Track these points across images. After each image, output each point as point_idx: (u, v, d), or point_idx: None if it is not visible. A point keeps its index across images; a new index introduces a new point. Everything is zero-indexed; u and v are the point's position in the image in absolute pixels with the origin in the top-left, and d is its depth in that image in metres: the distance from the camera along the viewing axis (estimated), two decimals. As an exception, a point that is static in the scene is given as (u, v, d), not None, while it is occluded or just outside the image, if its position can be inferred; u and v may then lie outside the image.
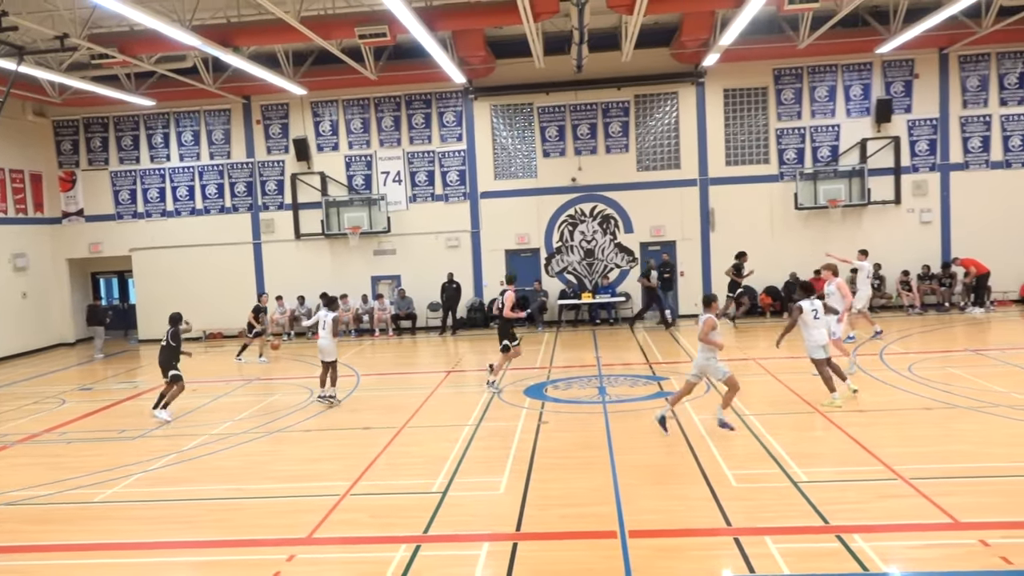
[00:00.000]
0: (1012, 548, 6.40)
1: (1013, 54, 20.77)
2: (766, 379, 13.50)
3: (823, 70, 21.23)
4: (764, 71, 21.31)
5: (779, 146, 21.51)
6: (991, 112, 20.99)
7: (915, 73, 21.07)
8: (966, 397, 11.33)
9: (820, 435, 10.04)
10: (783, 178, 21.49)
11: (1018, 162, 20.99)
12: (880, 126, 21.15)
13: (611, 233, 22.11)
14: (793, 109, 21.41)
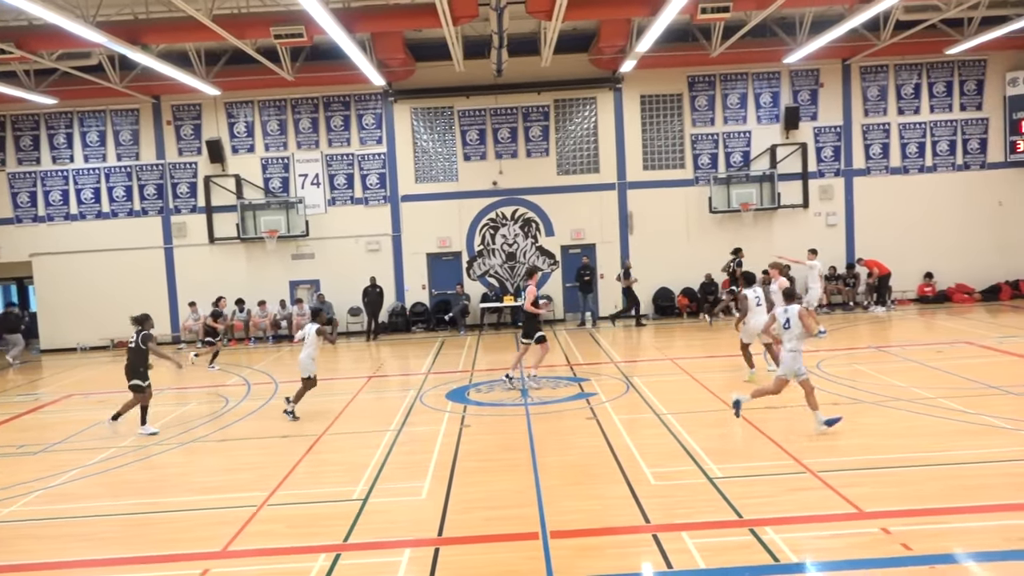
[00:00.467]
0: (912, 535, 6.73)
1: (909, 66, 21.91)
2: (683, 378, 13.83)
3: (735, 78, 21.93)
4: (679, 78, 21.86)
5: (694, 151, 22.09)
6: (890, 120, 22.09)
7: (820, 82, 21.98)
8: (870, 392, 11.87)
9: (734, 431, 10.33)
10: (698, 182, 22.08)
11: (915, 168, 22.14)
12: (788, 133, 21.99)
13: (532, 236, 22.27)
14: (707, 115, 22.03)
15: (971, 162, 22.17)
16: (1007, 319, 18.79)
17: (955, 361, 13.95)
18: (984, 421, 10.03)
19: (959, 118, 22.10)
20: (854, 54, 21.03)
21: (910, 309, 21.30)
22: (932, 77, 22.01)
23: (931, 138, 22.13)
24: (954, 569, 6.10)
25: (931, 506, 7.33)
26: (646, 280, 22.12)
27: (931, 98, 22.06)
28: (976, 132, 22.12)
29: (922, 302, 22.01)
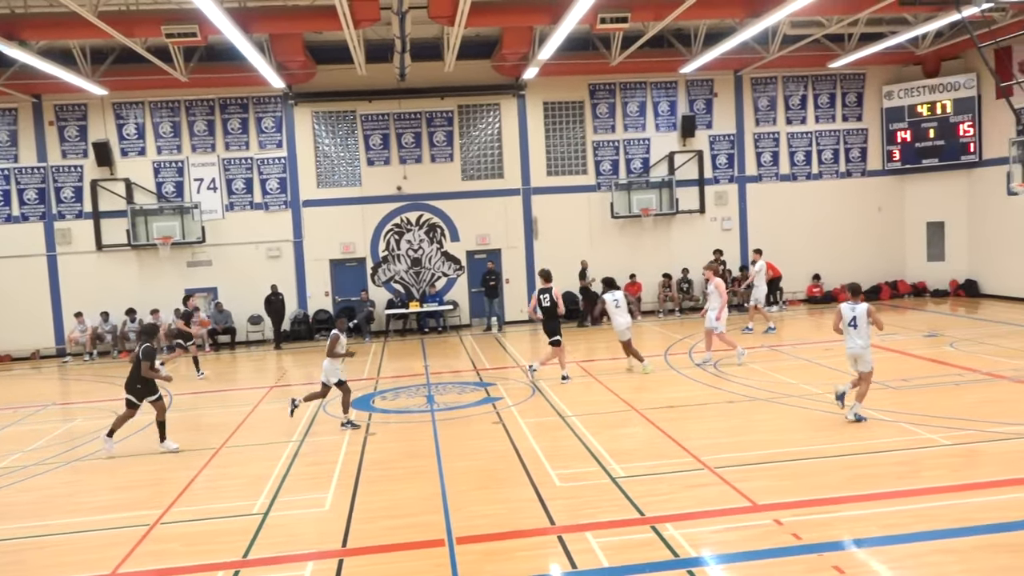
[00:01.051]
0: (802, 525, 7.06)
1: (796, 78, 23.02)
2: (587, 381, 14.06)
3: (634, 87, 22.50)
4: (581, 86, 22.27)
5: (596, 158, 22.54)
6: (779, 130, 23.15)
7: (714, 92, 22.83)
8: (763, 390, 12.38)
9: (635, 431, 10.58)
10: (600, 188, 22.53)
11: (803, 175, 23.27)
12: (685, 140, 22.72)
13: (438, 242, 22.21)
14: (608, 123, 22.52)
15: (853, 170, 23.47)
16: (887, 317, 19.91)
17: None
18: (866, 414, 10.61)
19: (841, 128, 23.37)
20: (745, 66, 21.93)
21: (800, 309, 22.34)
22: (817, 89, 23.19)
23: (816, 147, 23.31)
24: (839, 556, 6.44)
25: (819, 496, 7.71)
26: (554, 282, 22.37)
27: (816, 109, 23.25)
28: (857, 142, 23.44)
29: (811, 302, 23.12)
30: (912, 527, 6.91)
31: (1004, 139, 18.28)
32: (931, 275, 23.36)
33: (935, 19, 17.88)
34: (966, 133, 22.06)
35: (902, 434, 9.64)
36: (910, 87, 22.69)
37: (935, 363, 13.76)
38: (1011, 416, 10.18)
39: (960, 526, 6.86)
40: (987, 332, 16.61)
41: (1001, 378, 12.31)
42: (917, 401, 11.17)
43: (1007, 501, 7.38)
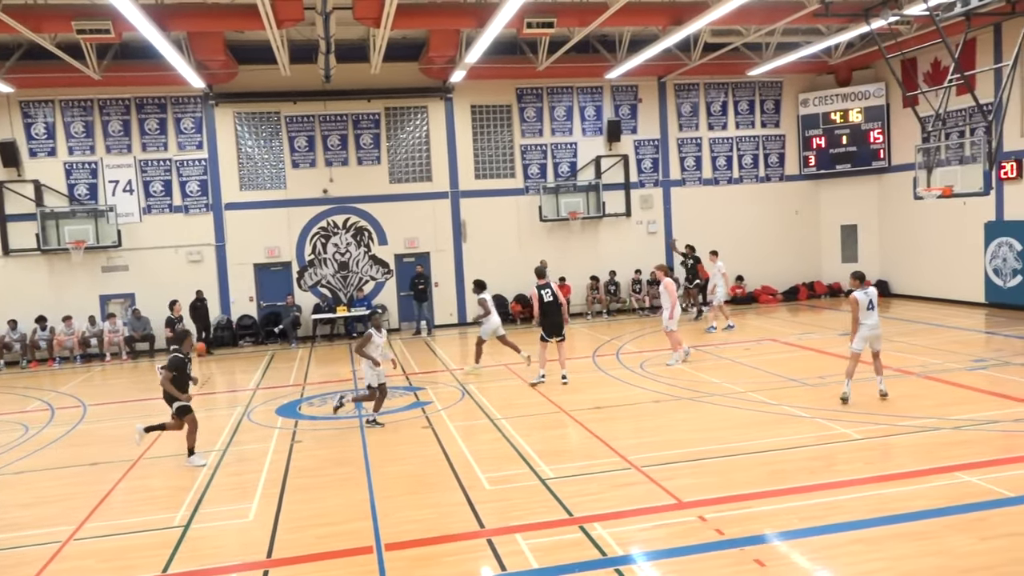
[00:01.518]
0: (724, 520, 7.24)
1: (717, 85, 23.64)
2: (516, 383, 14.10)
3: (561, 91, 22.72)
4: (508, 90, 22.36)
5: (524, 161, 22.66)
6: (701, 135, 23.71)
7: (639, 98, 23.24)
8: (687, 389, 12.65)
9: (564, 432, 10.67)
10: (528, 192, 22.66)
11: (724, 180, 23.89)
12: (611, 145, 23.06)
13: (365, 245, 21.95)
14: (535, 127, 22.67)
15: (772, 174, 24.23)
16: (805, 317, 20.67)
17: (761, 357, 15.17)
18: (785, 411, 10.97)
19: (760, 134, 24.10)
20: (668, 72, 22.40)
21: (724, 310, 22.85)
22: (737, 96, 23.86)
23: (737, 152, 23.97)
24: (760, 549, 6.62)
25: (741, 492, 7.92)
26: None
27: (736, 115, 23.92)
28: (775, 147, 24.21)
29: (734, 303, 23.71)
30: (829, 519, 7.16)
31: (911, 146, 19.12)
32: (846, 276, 24.22)
33: (846, 31, 18.62)
34: (876, 140, 23.04)
35: (819, 429, 9.99)
36: (824, 95, 23.56)
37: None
38: (919, 410, 10.67)
39: (873, 516, 7.15)
40: (897, 330, 17.36)
41: (910, 374, 12.89)
42: (833, 398, 11.59)
43: (915, 491, 7.72)
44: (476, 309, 22.02)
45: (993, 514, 7.05)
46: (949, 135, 18.14)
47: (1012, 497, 7.40)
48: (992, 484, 7.74)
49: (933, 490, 7.72)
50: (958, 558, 6.26)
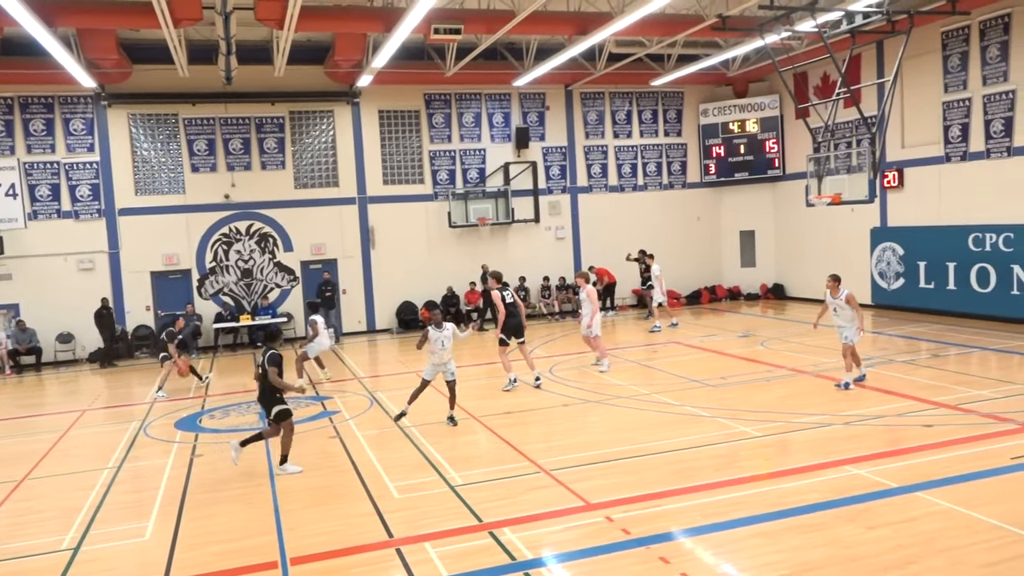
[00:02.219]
0: (631, 520, 7.39)
1: (622, 94, 24.19)
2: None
3: (469, 98, 22.77)
4: (416, 95, 22.25)
5: (432, 167, 22.58)
6: (607, 143, 24.20)
7: (547, 105, 23.53)
8: (596, 392, 12.86)
9: (474, 438, 10.67)
10: (437, 197, 22.59)
11: (629, 187, 24.44)
12: (520, 151, 23.25)
13: (270, 252, 21.39)
14: (444, 132, 22.64)
15: (674, 182, 24.95)
16: (707, 320, 21.34)
17: (666, 359, 15.58)
18: (689, 412, 11.29)
19: (664, 143, 24.78)
20: (575, 81, 22.78)
21: (630, 314, 23.41)
22: (641, 105, 24.47)
23: (642, 160, 24.58)
24: (665, 547, 6.78)
25: (647, 492, 8.09)
26: (389, 294, 22.20)
27: (640, 124, 24.52)
28: (678, 156, 24.95)
29: (639, 307, 24.29)
30: (731, 514, 7.40)
31: (803, 155, 20.05)
32: (744, 280, 25.25)
33: (742, 44, 19.40)
34: (771, 149, 24.06)
35: (720, 428, 10.32)
36: (723, 106, 24.45)
37: (748, 361, 14.85)
38: (813, 408, 11.17)
39: (772, 510, 7.43)
40: (792, 331, 18.15)
41: (803, 373, 13.48)
42: (733, 397, 12.01)
43: (810, 485, 8.08)
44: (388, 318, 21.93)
45: (878, 504, 7.44)
46: (837, 146, 19.10)
47: (895, 488, 7.83)
48: (878, 476, 8.17)
49: (825, 483, 8.09)
50: (846, 547, 6.57)
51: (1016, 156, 17.03)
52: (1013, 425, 9.70)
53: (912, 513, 7.18)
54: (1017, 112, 17.00)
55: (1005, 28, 17.05)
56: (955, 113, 18.36)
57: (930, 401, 11.09)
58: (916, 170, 19.55)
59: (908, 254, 19.54)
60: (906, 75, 19.10)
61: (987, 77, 17.55)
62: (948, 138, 18.56)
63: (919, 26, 16.74)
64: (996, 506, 7.21)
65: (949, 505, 7.29)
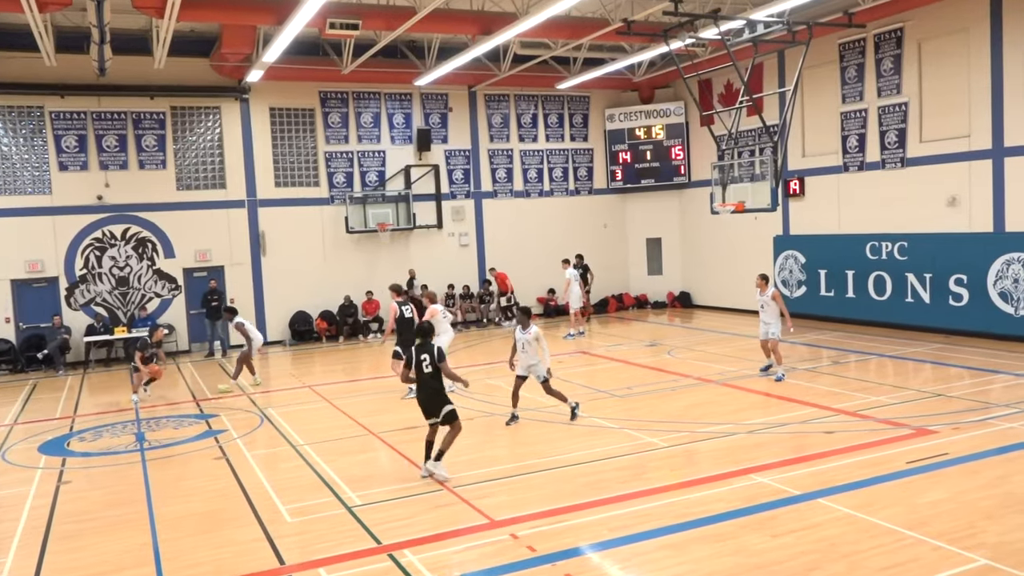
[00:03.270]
0: (537, 536, 7.43)
1: (527, 97, 24.46)
2: (321, 406, 13.74)
3: (368, 97, 22.52)
4: (311, 93, 21.85)
5: (328, 169, 22.21)
6: (512, 147, 24.41)
7: (450, 107, 23.54)
8: (501, 405, 12.88)
9: (373, 456, 10.52)
10: (334, 201, 22.23)
11: (535, 192, 24.72)
12: (422, 154, 23.16)
13: (149, 258, 20.51)
14: (341, 133, 22.31)
15: (581, 188, 25.39)
16: (614, 329, 21.78)
17: (572, 370, 15.80)
18: (596, 423, 11.47)
19: (570, 147, 25.20)
20: (479, 82, 22.89)
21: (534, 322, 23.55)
22: (547, 109, 24.81)
23: (548, 165, 24.90)
24: (571, 563, 6.85)
25: (553, 507, 8.16)
26: (282, 304, 21.66)
27: (546, 128, 24.86)
28: (584, 161, 25.41)
29: (545, 316, 24.55)
30: (638, 527, 7.55)
31: (708, 163, 20.80)
32: (652, 288, 25.90)
33: (648, 50, 19.97)
34: (677, 156, 24.83)
35: (627, 440, 10.53)
36: (629, 111, 25.07)
37: (655, 371, 15.23)
38: (718, 416, 11.55)
39: (679, 521, 7.62)
40: (698, 340, 18.74)
41: (709, 382, 13.93)
42: (639, 408, 12.28)
43: (715, 495, 8.33)
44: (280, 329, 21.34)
45: (782, 512, 7.75)
46: (741, 154, 19.92)
47: (799, 495, 8.17)
48: (782, 484, 8.51)
49: (731, 492, 8.36)
50: (751, 556, 6.81)
51: (910, 167, 18.16)
52: (908, 430, 10.30)
53: (814, 519, 7.51)
54: (909, 124, 18.13)
55: (898, 42, 18.18)
56: (852, 123, 19.43)
57: (831, 408, 11.64)
58: (816, 179, 20.56)
59: (809, 262, 20.50)
60: (806, 85, 20.11)
61: (882, 89, 18.67)
62: (846, 148, 19.62)
63: (818, 37, 17.64)
64: (893, 509, 7.63)
65: (848, 511, 7.66)
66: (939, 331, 17.36)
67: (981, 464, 8.87)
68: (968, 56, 16.91)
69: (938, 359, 15.02)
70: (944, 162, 17.43)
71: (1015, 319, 15.99)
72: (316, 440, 11.32)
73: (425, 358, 9.18)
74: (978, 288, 16.55)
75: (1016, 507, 7.58)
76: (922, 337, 17.24)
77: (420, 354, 9.21)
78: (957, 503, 7.75)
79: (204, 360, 19.80)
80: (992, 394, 12.17)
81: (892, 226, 18.46)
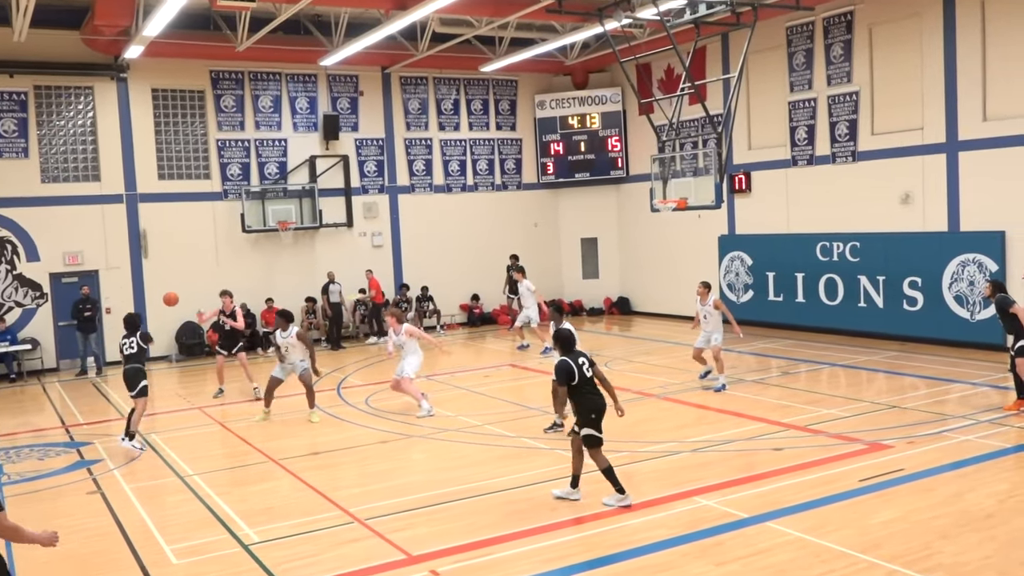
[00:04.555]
0: (460, 572, 7.44)
1: (448, 80, 24.49)
2: (214, 430, 13.48)
3: (267, 78, 22.20)
4: (200, 72, 21.42)
5: (221, 159, 21.79)
6: (431, 136, 24.40)
7: (360, 90, 23.39)
8: (420, 426, 12.85)
9: (273, 486, 10.36)
10: (227, 196, 21.82)
11: (457, 186, 24.76)
12: (329, 144, 22.95)
13: (8, 262, 19.77)
14: (235, 118, 21.92)
15: (508, 182, 25.55)
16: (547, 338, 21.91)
17: (499, 385, 15.86)
18: (525, 444, 11.55)
19: (496, 137, 25.33)
20: (394, 63, 22.81)
21: (459, 333, 23.63)
22: (470, 94, 24.89)
23: (471, 156, 24.98)
24: (499, 601, 6.88)
25: (478, 538, 8.18)
26: (167, 313, 21.04)
27: (470, 115, 24.93)
28: (512, 152, 25.58)
29: (470, 324, 24.59)
30: (571, 558, 7.63)
31: (648, 156, 21.12)
32: (587, 293, 26.21)
33: (581, 30, 20.22)
34: (614, 148, 25.22)
35: (559, 462, 10.59)
36: (560, 98, 25.35)
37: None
38: (660, 434, 11.76)
39: (617, 551, 7.73)
40: (637, 350, 19.05)
41: (650, 396, 14.18)
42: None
43: (657, 520, 8.48)
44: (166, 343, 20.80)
45: (728, 537, 7.94)
46: (683, 145, 20.33)
47: (746, 518, 8.39)
48: (728, 507, 8.72)
49: (673, 518, 8.53)
50: (697, 587, 6.96)
51: (861, 161, 18.86)
52: (861, 445, 10.68)
53: (762, 544, 7.72)
54: (860, 115, 18.84)
55: (848, 27, 18.88)
56: (801, 114, 20.07)
57: (780, 423, 11.98)
58: (763, 174, 21.17)
59: (756, 264, 21.08)
60: (752, 72, 20.68)
61: (831, 77, 19.34)
62: (795, 140, 20.25)
63: (764, 19, 18.17)
64: (845, 531, 7.90)
65: (799, 534, 7.89)
66: (893, 338, 18.07)
67: (936, 480, 9.26)
68: (921, 43, 17.65)
69: (892, 368, 15.63)
70: (897, 156, 18.16)
71: (971, 324, 16.76)
72: (207, 469, 11.10)
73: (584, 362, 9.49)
74: (933, 291, 17.29)
75: (971, 525, 7.95)
76: (876, 344, 17.91)
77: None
78: (911, 522, 8.08)
79: (75, 380, 19.15)
80: (948, 405, 12.72)
81: (844, 225, 19.13)
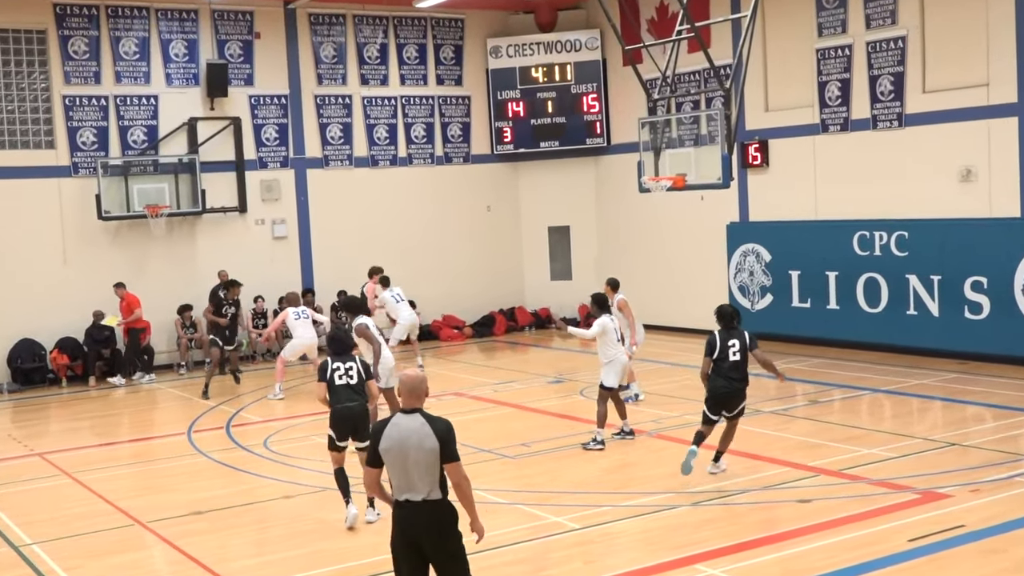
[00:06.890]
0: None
1: (373, 20, 24.41)
2: (61, 482, 13.33)
3: (130, 14, 22.00)
4: (42, 6, 21.18)
5: (70, 123, 21.55)
6: (351, 92, 24.31)
7: (256, 32, 23.25)
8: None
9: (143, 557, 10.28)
10: (78, 171, 21.59)
11: (386, 160, 24.65)
12: (214, 102, 22.78)
13: None
14: (89, 68, 21.70)
15: (453, 153, 25.54)
16: (504, 360, 21.99)
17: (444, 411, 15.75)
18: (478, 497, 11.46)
19: (436, 94, 25.31)
20: (301, -4, 22.79)
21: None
22: (402, 37, 24.82)
23: (404, 119, 24.91)
24: None
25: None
26: (-3, 329, 20.82)
27: (402, 66, 24.85)
28: (457, 115, 25.57)
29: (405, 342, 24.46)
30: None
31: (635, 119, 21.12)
32: (556, 298, 26.20)
33: (548, -47, 20.27)
34: (591, 109, 25.27)
35: (522, 520, 10.64)
36: (521, 43, 25.36)
37: (562, 418, 15.46)
38: (651, 483, 11.82)
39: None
40: (623, 373, 19.08)
41: (639, 433, 14.21)
42: (539, 473, 12.43)
43: (648, 595, 8.52)
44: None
45: (741, 617, 8.00)
46: (681, 106, 20.45)
47: (764, 592, 8.47)
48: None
49: (669, 592, 8.57)
50: None
51: (909, 126, 19.10)
52: (911, 495, 10.82)
53: (784, 626, 7.79)
54: (909, 67, 19.05)
55: (893, -49, 19.12)
56: (833, 65, 20.31)
57: (807, 467, 12.09)
58: (784, 142, 21.37)
59: (776, 260, 21.20)
60: (770, 10, 20.81)
61: (871, 18, 19.57)
62: (825, 100, 20.49)
63: (785, -58, 18.36)
64: (891, 608, 8.00)
65: (832, 611, 7.98)
66: (952, 355, 18.26)
67: (1005, 540, 9.38)
68: (985, -26, 17.93)
69: (951, 395, 15.85)
70: (955, 120, 18.38)
71: (1051, 337, 17.00)
72: (51, 536, 11.00)
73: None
74: (1002, 295, 17.44)
75: (1053, 597, 8.09)
76: (930, 364, 18.12)
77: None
78: (976, 594, 8.20)
79: None
80: (1022, 442, 12.92)
81: (888, 210, 19.32)
